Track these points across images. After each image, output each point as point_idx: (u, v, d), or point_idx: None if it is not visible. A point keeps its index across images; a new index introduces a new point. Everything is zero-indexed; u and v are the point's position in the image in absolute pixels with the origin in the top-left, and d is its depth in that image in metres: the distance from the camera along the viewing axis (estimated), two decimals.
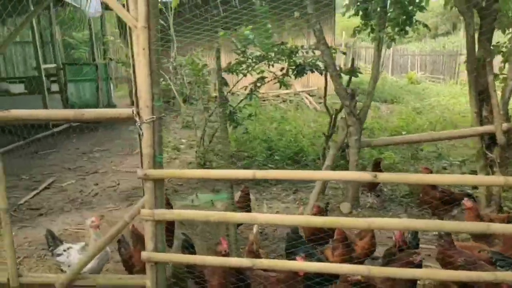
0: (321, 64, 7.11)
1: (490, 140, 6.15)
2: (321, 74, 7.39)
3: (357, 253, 4.45)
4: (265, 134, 10.01)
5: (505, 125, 5.72)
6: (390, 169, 7.84)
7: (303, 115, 13.47)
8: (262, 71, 7.76)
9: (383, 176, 3.31)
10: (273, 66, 8.38)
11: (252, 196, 6.23)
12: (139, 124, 3.53)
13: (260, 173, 3.47)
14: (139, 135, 3.57)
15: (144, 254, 3.67)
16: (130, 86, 17.10)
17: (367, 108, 6.13)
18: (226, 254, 3.75)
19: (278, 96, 16.05)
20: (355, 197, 6.51)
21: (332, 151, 6.26)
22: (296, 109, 14.56)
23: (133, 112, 3.71)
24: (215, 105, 8.72)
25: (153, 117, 3.49)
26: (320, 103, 16.07)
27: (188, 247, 4.07)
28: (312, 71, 7.48)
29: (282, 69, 8.18)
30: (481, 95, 6.02)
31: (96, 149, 10.49)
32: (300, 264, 3.50)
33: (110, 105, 14.92)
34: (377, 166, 6.74)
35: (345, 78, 6.85)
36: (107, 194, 7.63)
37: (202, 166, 8.66)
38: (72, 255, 4.33)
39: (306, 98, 15.78)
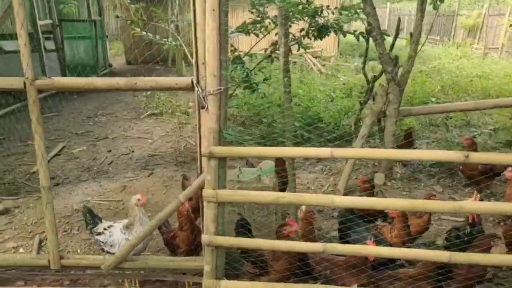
0: (345, 26, 6.67)
1: None
2: (344, 36, 6.97)
3: (412, 231, 4.24)
4: (280, 99, 9.61)
5: None
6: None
7: (309, 78, 13.05)
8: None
9: (475, 156, 3.02)
10: (290, 26, 7.90)
11: None
12: (203, 95, 3.15)
13: (338, 152, 3.15)
14: (201, 107, 3.19)
15: (205, 238, 3.38)
16: (126, 44, 16.43)
17: (408, 74, 5.79)
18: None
19: (269, 57, 15.48)
20: (389, 167, 6.27)
21: (369, 120, 5.96)
22: (301, 71, 14.11)
23: (192, 82, 3.32)
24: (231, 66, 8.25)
25: (220, 88, 3.11)
26: (324, 65, 15.70)
27: (245, 229, 3.77)
28: (336, 33, 7.06)
29: (301, 30, 7.72)
30: None
31: (101, 112, 9.99)
32: (375, 250, 3.25)
33: (107, 65, 14.25)
34: (409, 137, 6.48)
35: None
36: (122, 162, 7.25)
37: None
38: (115, 234, 4.00)
39: (310, 60, 15.31)
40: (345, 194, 5.95)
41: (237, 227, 3.81)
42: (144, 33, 8.71)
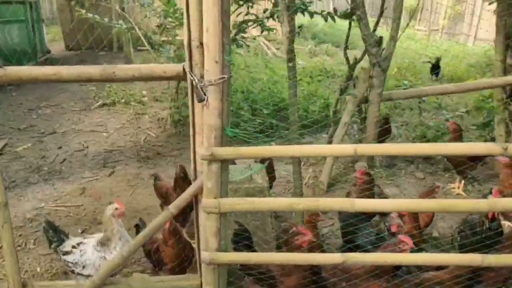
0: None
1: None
2: (311, 17, 6.54)
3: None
4: (244, 84, 9.09)
5: None
6: None
7: (265, 62, 12.57)
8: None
9: None
10: (252, 7, 7.42)
11: None
12: (201, 86, 2.59)
13: (363, 149, 2.71)
14: (199, 100, 2.62)
15: (206, 255, 2.84)
16: (64, 28, 15.09)
17: (390, 56, 5.44)
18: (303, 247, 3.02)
19: (233, 40, 14.88)
20: (370, 156, 5.96)
21: (351, 106, 5.59)
22: (255, 55, 13.60)
23: (184, 70, 2.75)
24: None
25: (224, 77, 2.56)
26: (278, 48, 15.25)
27: (247, 240, 3.27)
28: (303, 14, 6.61)
29: (265, 10, 7.23)
30: (509, 39, 5.57)
31: (45, 104, 8.99)
32: (402, 257, 2.87)
33: (45, 51, 13.02)
34: (386, 123, 6.20)
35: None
36: (77, 159, 6.47)
37: (178, 122, 7.67)
38: (87, 253, 3.36)
39: (264, 43, 14.82)
40: (329, 187, 5.59)
41: (235, 238, 3.29)
42: (90, 14, 7.87)
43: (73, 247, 3.42)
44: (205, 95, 2.60)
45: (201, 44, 2.66)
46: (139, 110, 8.57)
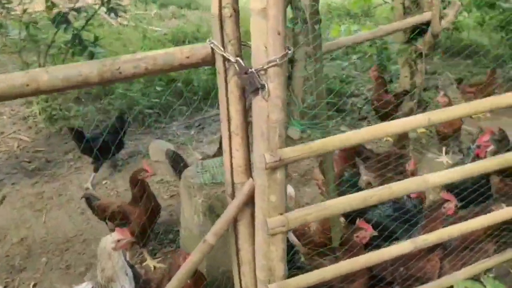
0: None
1: (413, 31, 5.98)
2: None
3: None
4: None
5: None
6: None
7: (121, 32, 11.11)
8: None
9: None
10: None
11: None
12: (258, 70, 1.84)
13: (436, 116, 2.30)
14: (252, 91, 1.88)
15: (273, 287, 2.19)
16: None
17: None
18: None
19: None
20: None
21: None
22: (101, 26, 11.96)
23: (212, 51, 1.96)
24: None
25: (288, 52, 1.86)
26: (121, 16, 13.66)
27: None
28: None
29: None
30: None
31: None
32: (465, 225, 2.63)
33: None
34: None
35: None
36: None
37: (52, 117, 6.29)
38: None
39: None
40: None
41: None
42: None
43: None
44: (259, 82, 1.86)
45: (235, 11, 1.90)
46: None
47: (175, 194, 4.75)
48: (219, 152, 4.22)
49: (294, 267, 2.66)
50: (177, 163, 4.10)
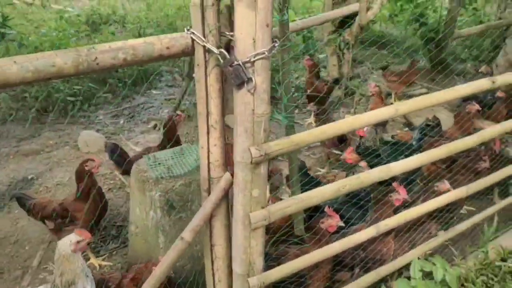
0: None
1: (341, 23, 6.19)
2: None
3: None
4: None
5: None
6: None
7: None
8: None
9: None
10: None
11: None
12: (243, 62, 1.80)
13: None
14: (238, 84, 1.83)
15: (254, 281, 2.18)
16: None
17: None
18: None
19: None
20: None
21: None
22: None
23: (192, 42, 1.89)
24: None
25: (275, 44, 1.83)
26: None
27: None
28: None
29: None
30: None
31: None
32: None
33: None
34: None
35: None
36: None
37: None
38: None
39: None
40: None
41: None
42: None
43: None
44: (246, 75, 1.82)
45: (217, 0, 1.84)
46: None
47: (112, 187, 4.53)
48: (162, 143, 4.09)
49: None
50: (120, 157, 3.90)
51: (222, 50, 1.86)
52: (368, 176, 2.44)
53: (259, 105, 1.88)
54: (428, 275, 2.89)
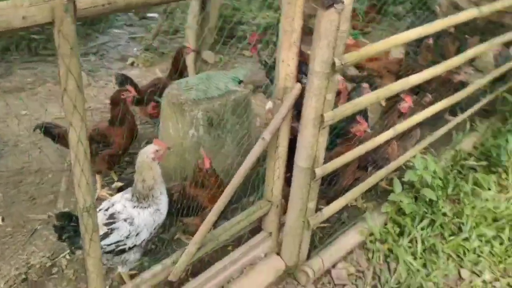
0: None
1: None
2: None
3: None
4: None
5: None
6: None
7: None
8: None
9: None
10: None
11: None
12: None
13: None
14: (327, 5, 2.25)
15: (319, 172, 2.71)
16: None
17: None
18: None
19: None
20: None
21: None
22: None
23: None
24: None
25: None
26: None
27: None
28: None
29: None
30: None
31: None
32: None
33: None
34: None
35: None
36: None
37: None
38: (135, 214, 2.70)
39: None
40: None
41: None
42: None
43: (110, 220, 2.60)
44: None
45: None
46: None
47: None
48: (170, 74, 4.33)
49: None
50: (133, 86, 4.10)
51: None
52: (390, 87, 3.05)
53: (344, 22, 2.33)
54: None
